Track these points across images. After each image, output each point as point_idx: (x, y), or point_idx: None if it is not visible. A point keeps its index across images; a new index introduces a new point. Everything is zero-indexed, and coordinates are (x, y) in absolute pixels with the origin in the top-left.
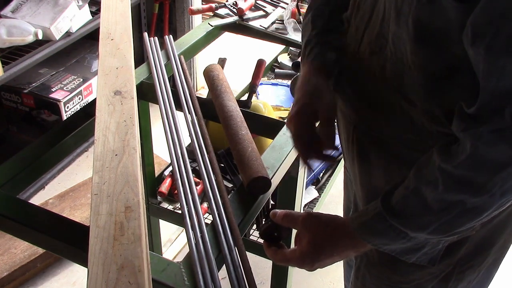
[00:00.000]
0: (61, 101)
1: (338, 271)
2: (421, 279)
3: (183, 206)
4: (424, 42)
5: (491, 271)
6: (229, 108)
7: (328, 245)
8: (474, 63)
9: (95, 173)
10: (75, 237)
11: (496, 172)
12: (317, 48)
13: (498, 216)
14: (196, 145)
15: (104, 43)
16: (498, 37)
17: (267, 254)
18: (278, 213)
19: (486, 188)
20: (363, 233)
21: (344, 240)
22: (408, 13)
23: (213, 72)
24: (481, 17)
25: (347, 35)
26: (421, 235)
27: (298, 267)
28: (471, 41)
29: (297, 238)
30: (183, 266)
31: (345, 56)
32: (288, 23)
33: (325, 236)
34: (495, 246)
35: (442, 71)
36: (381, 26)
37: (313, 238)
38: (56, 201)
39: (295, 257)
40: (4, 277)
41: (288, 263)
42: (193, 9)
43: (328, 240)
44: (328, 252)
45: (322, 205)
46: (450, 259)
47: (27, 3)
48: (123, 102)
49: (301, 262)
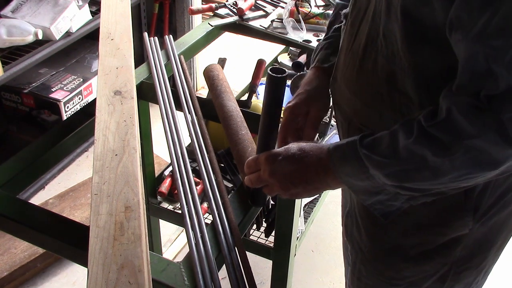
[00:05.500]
0: (61, 101)
1: (338, 271)
2: (414, 277)
3: (183, 206)
4: (414, 36)
5: (487, 273)
6: (229, 108)
7: (299, 166)
8: (455, 49)
9: (95, 173)
10: (75, 237)
11: (462, 138)
12: (321, 54)
13: (496, 216)
14: (196, 145)
15: (104, 43)
16: (475, 24)
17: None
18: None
19: (450, 151)
20: (334, 156)
21: (315, 163)
22: (397, 5)
23: (213, 72)
24: (460, 3)
25: (344, 32)
26: (378, 175)
27: (272, 186)
28: (452, 27)
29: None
30: (183, 266)
31: (340, 53)
32: (287, 22)
33: (297, 158)
34: (493, 248)
35: (433, 65)
36: (373, 19)
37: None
38: (56, 201)
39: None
40: (4, 277)
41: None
42: (193, 9)
43: (299, 161)
44: (299, 173)
45: (322, 205)
46: (444, 258)
47: (27, 3)
48: (123, 102)
49: (272, 176)
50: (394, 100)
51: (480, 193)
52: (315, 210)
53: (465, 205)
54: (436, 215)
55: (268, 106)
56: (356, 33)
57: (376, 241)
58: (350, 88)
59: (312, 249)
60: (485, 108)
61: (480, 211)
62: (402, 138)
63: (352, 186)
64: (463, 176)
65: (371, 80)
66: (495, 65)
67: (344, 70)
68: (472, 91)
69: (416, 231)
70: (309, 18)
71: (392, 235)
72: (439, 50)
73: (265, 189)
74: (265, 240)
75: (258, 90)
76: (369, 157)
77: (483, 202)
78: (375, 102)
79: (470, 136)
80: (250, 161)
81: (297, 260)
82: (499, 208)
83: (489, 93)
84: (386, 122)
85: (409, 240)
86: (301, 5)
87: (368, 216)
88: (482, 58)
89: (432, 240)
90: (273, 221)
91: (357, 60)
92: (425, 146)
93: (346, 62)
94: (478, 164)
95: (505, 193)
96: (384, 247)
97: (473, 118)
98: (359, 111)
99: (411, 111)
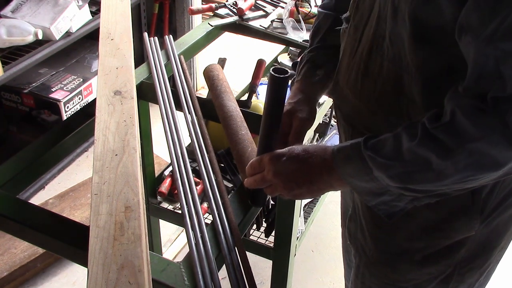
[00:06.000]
0: (61, 101)
1: (338, 271)
2: (419, 279)
3: (183, 206)
4: (422, 39)
5: (490, 274)
6: (229, 108)
7: (304, 167)
8: (464, 52)
9: (95, 173)
10: (75, 237)
11: (465, 142)
12: (306, 67)
13: (499, 217)
14: (196, 145)
15: (104, 43)
16: (486, 27)
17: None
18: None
19: (453, 154)
20: (338, 157)
21: (319, 164)
22: (405, 10)
23: (213, 72)
24: (471, 7)
25: (346, 36)
26: (382, 177)
27: (276, 186)
28: (462, 30)
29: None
30: (183, 266)
31: (343, 57)
32: (287, 22)
33: (301, 159)
34: (496, 249)
35: (441, 69)
36: (378, 24)
37: (289, 159)
38: (56, 201)
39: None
40: (4, 277)
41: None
42: (193, 9)
43: (303, 162)
44: (303, 173)
45: (322, 205)
46: (449, 260)
47: (27, 3)
48: (123, 102)
49: (277, 179)
50: (400, 104)
51: (486, 196)
52: (315, 210)
53: (472, 207)
54: (442, 218)
55: (270, 106)
56: (360, 37)
57: (381, 244)
58: (353, 92)
59: (312, 249)
60: (490, 110)
61: (485, 213)
62: (406, 140)
63: (356, 187)
64: (466, 178)
65: (376, 84)
66: (504, 68)
67: (347, 74)
68: (479, 92)
69: (422, 235)
70: (309, 18)
71: (397, 239)
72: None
73: (267, 190)
74: (265, 240)
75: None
76: (373, 159)
77: (489, 204)
78: (380, 106)
79: (473, 139)
80: (254, 162)
81: (297, 260)
82: (502, 210)
83: (496, 95)
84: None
85: (415, 243)
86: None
87: (372, 219)
88: (492, 61)
89: (438, 243)
90: (273, 221)
91: (362, 64)
92: (429, 149)
93: (349, 66)
94: (482, 166)
95: (509, 195)
96: (389, 251)
97: (477, 121)
98: (363, 115)
99: (416, 115)
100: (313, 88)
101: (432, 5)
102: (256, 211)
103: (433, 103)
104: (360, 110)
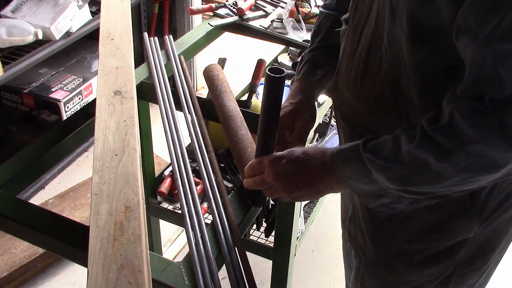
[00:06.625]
0: (61, 101)
1: (338, 271)
2: (419, 281)
3: (183, 206)
4: (420, 40)
5: (490, 275)
6: (229, 108)
7: (303, 169)
8: (461, 53)
9: (95, 173)
10: (75, 237)
11: (464, 144)
12: (306, 67)
13: (499, 219)
14: (196, 145)
15: (104, 43)
16: (483, 28)
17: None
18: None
19: (452, 156)
20: (337, 159)
21: (319, 166)
22: (403, 11)
23: (213, 72)
24: (468, 8)
25: (345, 37)
26: (381, 179)
27: (276, 188)
28: (459, 31)
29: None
30: (183, 266)
31: (343, 57)
32: (287, 22)
33: (301, 161)
34: (495, 250)
35: (439, 70)
36: (376, 24)
37: (289, 162)
38: (56, 201)
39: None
40: (4, 277)
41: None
42: (193, 9)
43: (303, 164)
44: (303, 176)
45: (322, 205)
46: (448, 261)
47: (27, 3)
48: (123, 102)
49: (277, 181)
50: (399, 104)
51: (485, 197)
52: (315, 210)
53: (472, 209)
54: (441, 220)
55: (267, 106)
56: (359, 38)
57: (380, 246)
58: (353, 92)
59: (312, 249)
60: (488, 112)
61: (484, 214)
62: (405, 142)
63: (356, 189)
64: (465, 179)
65: (375, 85)
66: (502, 69)
67: (346, 75)
68: (477, 94)
69: (421, 237)
70: (309, 18)
71: (396, 241)
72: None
73: (267, 192)
74: (265, 240)
75: (258, 90)
76: (372, 161)
77: (488, 205)
78: (379, 106)
79: (472, 141)
80: (254, 163)
81: (297, 260)
82: (502, 211)
83: (494, 97)
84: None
85: (414, 245)
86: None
87: (372, 221)
88: (489, 62)
89: (437, 244)
90: (273, 221)
91: (361, 64)
92: (428, 151)
93: (349, 67)
94: (481, 168)
95: (508, 196)
96: (388, 253)
97: (475, 122)
98: (362, 116)
99: (415, 115)
100: (313, 88)
101: (430, 6)
102: (256, 211)
103: (431, 104)
104: (359, 110)
